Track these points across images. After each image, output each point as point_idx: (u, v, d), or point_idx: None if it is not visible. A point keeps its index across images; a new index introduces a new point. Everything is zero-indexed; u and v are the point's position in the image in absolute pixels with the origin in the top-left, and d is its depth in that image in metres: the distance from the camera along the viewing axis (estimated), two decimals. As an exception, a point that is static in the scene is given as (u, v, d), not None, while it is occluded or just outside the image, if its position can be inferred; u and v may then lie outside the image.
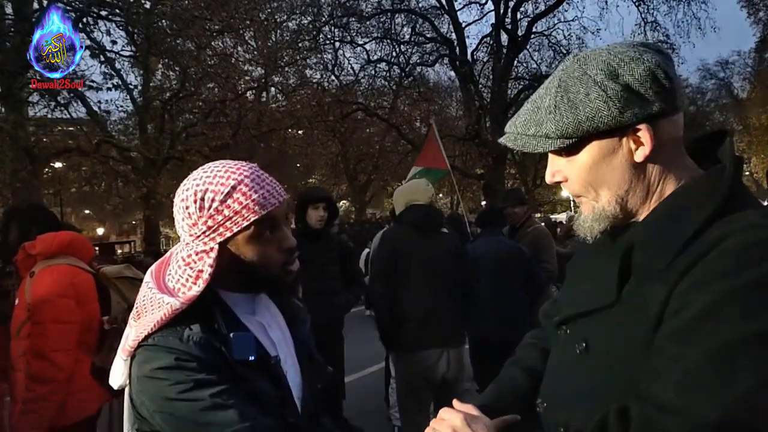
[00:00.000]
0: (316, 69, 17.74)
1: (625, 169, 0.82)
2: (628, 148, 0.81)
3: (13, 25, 10.97)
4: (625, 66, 0.79)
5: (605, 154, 0.82)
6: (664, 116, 0.80)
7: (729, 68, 26.47)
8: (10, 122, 10.20)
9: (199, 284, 1.02)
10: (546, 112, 0.84)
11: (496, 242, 3.90)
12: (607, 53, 0.82)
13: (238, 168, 1.05)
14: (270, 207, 1.03)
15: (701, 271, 0.72)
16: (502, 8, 17.57)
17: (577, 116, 0.81)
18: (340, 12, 16.98)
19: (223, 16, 11.76)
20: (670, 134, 0.81)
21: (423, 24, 18.29)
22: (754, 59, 23.01)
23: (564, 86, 0.83)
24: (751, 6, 20.19)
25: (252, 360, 1.02)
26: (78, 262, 2.41)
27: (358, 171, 22.48)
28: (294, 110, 14.37)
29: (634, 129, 0.80)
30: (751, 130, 25.05)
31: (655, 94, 0.79)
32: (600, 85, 0.80)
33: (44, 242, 2.34)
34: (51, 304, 2.22)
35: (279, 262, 1.07)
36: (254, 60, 13.75)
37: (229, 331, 1.03)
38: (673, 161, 0.83)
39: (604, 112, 0.79)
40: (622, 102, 0.78)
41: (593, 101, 0.80)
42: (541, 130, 0.84)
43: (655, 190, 0.83)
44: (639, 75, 0.79)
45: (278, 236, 1.07)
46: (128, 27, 11.48)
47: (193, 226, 1.03)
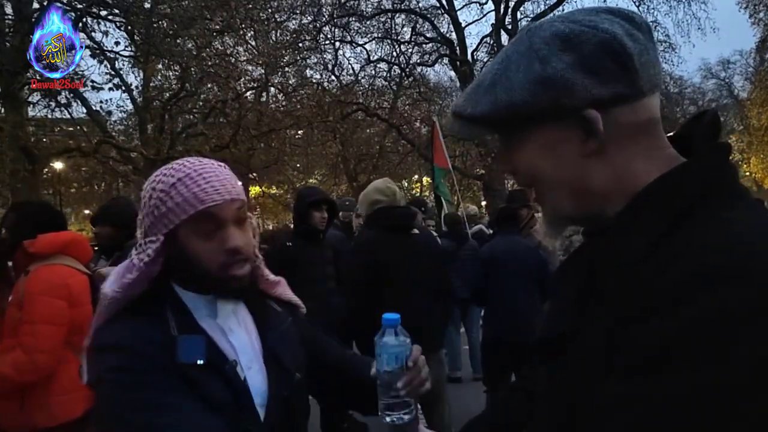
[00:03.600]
0: (316, 69, 17.77)
1: (577, 163, 0.67)
2: (579, 137, 0.66)
3: (13, 25, 10.97)
4: (575, 38, 0.64)
5: (550, 144, 0.68)
6: (622, 101, 0.65)
7: (730, 68, 26.55)
8: (10, 122, 10.19)
9: (134, 272, 1.04)
10: (483, 91, 0.70)
11: (512, 242, 3.88)
12: (561, 21, 0.67)
13: (192, 163, 1.07)
14: (210, 202, 1.02)
15: (637, 305, 0.58)
16: (502, 8, 17.58)
17: (512, 98, 0.66)
18: (340, 12, 16.99)
19: (224, 16, 11.77)
20: (632, 122, 0.66)
21: (423, 24, 18.31)
22: (755, 59, 23.01)
23: (507, 61, 0.69)
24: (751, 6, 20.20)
25: (201, 364, 1.01)
26: (74, 262, 2.41)
27: (358, 171, 22.45)
28: (294, 110, 14.35)
29: (581, 116, 0.65)
30: (751, 130, 25.03)
31: (609, 74, 0.63)
32: (542, 60, 0.65)
33: (43, 242, 2.33)
34: (43, 304, 2.22)
35: (218, 261, 1.05)
36: (254, 60, 13.75)
37: (181, 333, 1.03)
38: (642, 153, 0.67)
39: (541, 94, 0.65)
40: (564, 82, 0.64)
41: (530, 81, 0.65)
42: (475, 112, 0.70)
43: (622, 188, 0.67)
44: (589, 50, 0.63)
45: (221, 235, 1.05)
46: (128, 27, 11.47)
47: (145, 217, 1.07)
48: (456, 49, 17.95)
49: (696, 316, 0.52)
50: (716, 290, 0.52)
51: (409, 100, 19.63)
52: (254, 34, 14.05)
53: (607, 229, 0.67)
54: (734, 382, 0.50)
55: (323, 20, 16.79)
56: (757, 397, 0.49)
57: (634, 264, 0.61)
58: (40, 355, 2.18)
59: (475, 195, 24.10)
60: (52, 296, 2.24)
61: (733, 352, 0.50)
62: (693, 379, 0.51)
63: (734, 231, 0.58)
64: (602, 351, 0.60)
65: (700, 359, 0.51)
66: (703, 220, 0.60)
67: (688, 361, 0.52)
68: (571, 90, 0.64)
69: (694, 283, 0.54)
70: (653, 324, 0.55)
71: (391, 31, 18.16)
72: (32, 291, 2.23)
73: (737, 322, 0.51)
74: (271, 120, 13.87)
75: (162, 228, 1.04)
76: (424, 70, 19.41)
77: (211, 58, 12.54)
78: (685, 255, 0.57)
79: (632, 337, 0.56)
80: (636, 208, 0.65)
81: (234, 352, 1.08)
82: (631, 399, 0.54)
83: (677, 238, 0.60)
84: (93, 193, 16.96)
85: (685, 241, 0.59)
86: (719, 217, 0.60)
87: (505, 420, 0.92)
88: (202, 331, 1.06)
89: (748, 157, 26.03)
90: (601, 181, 0.67)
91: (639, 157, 0.67)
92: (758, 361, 0.50)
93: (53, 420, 2.23)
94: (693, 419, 0.51)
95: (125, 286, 1.04)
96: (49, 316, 2.21)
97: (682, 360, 0.52)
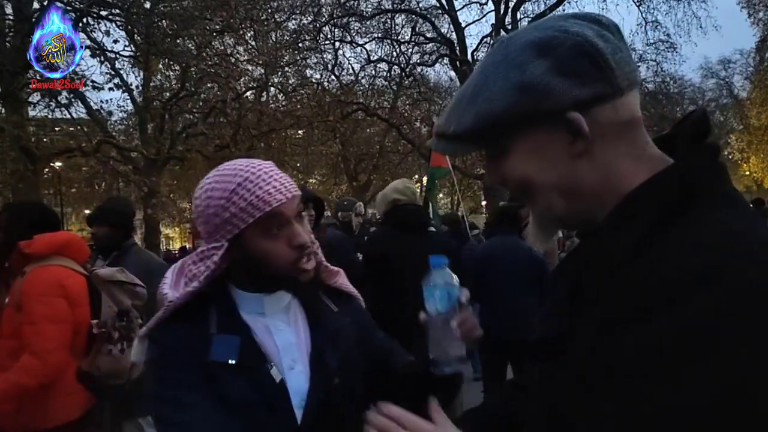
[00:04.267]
0: (316, 69, 17.77)
1: (566, 165, 0.67)
2: (565, 139, 0.66)
3: (13, 25, 10.97)
4: (548, 44, 0.65)
5: (538, 149, 0.68)
6: (602, 100, 0.65)
7: (730, 67, 26.53)
8: (10, 123, 10.20)
9: (201, 279, 1.06)
10: (464, 107, 0.70)
11: (512, 242, 3.89)
12: (533, 30, 0.69)
13: (246, 166, 1.07)
14: (275, 203, 1.03)
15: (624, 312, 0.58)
16: (503, 8, 17.58)
17: (494, 107, 0.67)
18: (340, 12, 16.99)
19: (223, 16, 11.76)
20: (615, 120, 0.66)
21: (423, 24, 18.31)
22: (755, 59, 23.02)
23: (484, 74, 0.70)
24: (750, 6, 20.20)
25: (232, 363, 1.02)
26: (71, 263, 2.38)
27: (358, 171, 22.46)
28: (294, 110, 14.36)
29: (563, 118, 0.65)
30: (751, 130, 25.04)
31: (586, 75, 0.64)
32: (519, 67, 0.66)
33: (40, 242, 2.30)
34: (44, 304, 2.19)
35: (289, 258, 1.07)
36: (254, 60, 13.75)
37: (221, 331, 1.05)
38: (627, 153, 0.67)
39: (522, 100, 0.65)
40: (543, 87, 0.65)
41: (510, 89, 0.66)
42: (459, 129, 0.70)
43: (611, 188, 0.67)
44: (563, 53, 0.64)
45: (287, 232, 1.07)
46: (128, 27, 11.47)
47: (205, 224, 1.07)
48: (456, 49, 17.95)
49: (691, 316, 0.52)
50: (711, 290, 0.52)
51: (409, 100, 19.63)
52: (254, 34, 14.06)
53: (599, 230, 0.67)
54: (733, 381, 0.50)
55: (323, 20, 16.79)
56: (758, 395, 0.49)
57: (623, 265, 0.61)
58: (49, 355, 2.15)
59: (475, 195, 24.12)
60: (51, 295, 2.22)
61: (732, 351, 0.50)
62: (693, 379, 0.51)
63: (724, 231, 0.58)
64: (592, 352, 0.60)
65: (699, 359, 0.51)
66: (692, 221, 0.60)
67: (687, 361, 0.51)
68: (550, 94, 0.65)
69: (689, 283, 0.54)
70: (648, 325, 0.54)
71: (391, 31, 18.17)
72: (30, 292, 2.20)
73: (733, 322, 0.51)
74: (271, 120, 13.87)
75: (226, 234, 1.05)
76: (424, 70, 19.44)
77: (211, 58, 12.55)
78: (676, 255, 0.57)
79: (628, 338, 0.56)
80: (625, 209, 0.65)
81: (277, 352, 1.09)
82: (633, 401, 0.54)
83: (667, 238, 0.60)
84: (93, 193, 16.93)
85: (675, 241, 0.59)
86: (708, 217, 0.60)
87: (504, 412, 0.92)
88: (244, 329, 1.07)
89: (747, 157, 26.04)
90: (591, 182, 0.68)
91: (625, 157, 0.67)
92: (758, 358, 0.50)
93: (51, 422, 2.21)
94: (697, 421, 0.50)
95: (188, 295, 1.06)
96: (51, 315, 2.19)
97: (681, 361, 0.52)
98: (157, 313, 1.08)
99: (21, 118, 10.98)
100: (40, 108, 12.98)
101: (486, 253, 3.87)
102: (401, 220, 3.11)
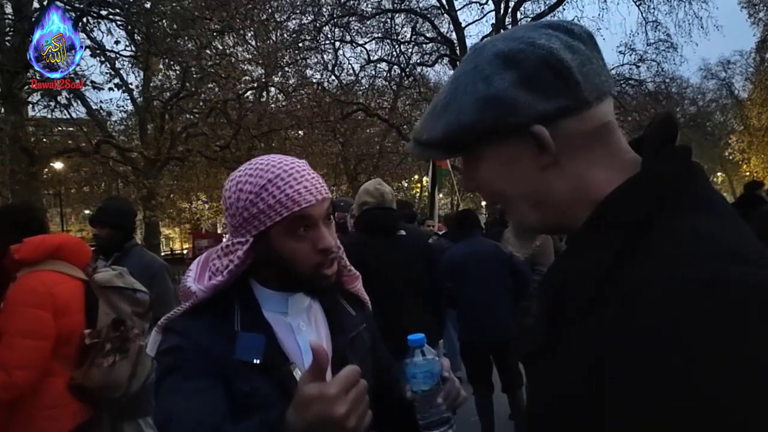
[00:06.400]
0: (316, 69, 17.79)
1: (535, 177, 0.67)
2: (532, 152, 0.66)
3: (13, 25, 10.98)
4: (514, 56, 0.65)
5: (505, 161, 0.68)
6: (568, 113, 0.65)
7: (730, 68, 26.52)
8: (10, 123, 10.20)
9: (225, 274, 1.05)
10: (437, 115, 0.70)
11: (476, 243, 3.94)
12: (503, 40, 0.68)
13: (279, 162, 1.06)
14: (304, 203, 1.02)
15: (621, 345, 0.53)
16: (502, 8, 17.59)
17: (461, 119, 0.67)
18: (340, 12, 17.00)
19: (223, 16, 11.77)
20: (581, 131, 0.66)
21: (423, 24, 18.32)
22: (755, 59, 23.01)
23: (456, 83, 0.70)
24: (751, 6, 20.21)
25: (257, 363, 1.01)
26: (68, 268, 2.23)
27: (358, 171, 22.44)
28: (294, 110, 14.37)
29: (529, 131, 0.65)
30: (751, 130, 25.04)
31: (550, 88, 0.64)
32: (485, 80, 0.66)
33: (29, 246, 2.16)
34: (21, 316, 2.03)
35: (312, 261, 1.05)
36: (254, 60, 13.76)
37: (244, 329, 1.03)
38: (599, 160, 0.67)
39: (487, 113, 0.65)
40: (507, 100, 0.64)
41: (476, 101, 0.66)
42: (430, 138, 0.71)
43: (584, 197, 0.66)
44: (528, 66, 0.64)
45: (313, 235, 1.05)
46: (128, 27, 11.48)
47: (233, 216, 1.06)
48: (456, 49, 17.95)
49: (687, 331, 0.49)
50: (701, 303, 0.50)
51: (409, 100, 19.65)
52: (254, 34, 14.06)
53: (574, 239, 0.67)
54: (740, 388, 0.47)
55: (323, 20, 16.81)
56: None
57: (602, 278, 0.59)
58: (17, 371, 1.99)
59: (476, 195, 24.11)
60: (34, 307, 2.05)
61: (734, 360, 0.48)
62: (706, 391, 0.47)
63: (698, 240, 0.56)
64: (581, 369, 0.58)
65: (708, 371, 0.48)
66: (662, 231, 0.58)
67: (695, 376, 0.48)
68: (514, 107, 0.64)
69: (678, 298, 0.51)
70: (643, 342, 0.52)
71: (391, 31, 18.19)
72: (13, 301, 2.07)
73: (731, 329, 0.49)
74: (271, 120, 13.88)
75: (252, 229, 1.04)
76: (424, 70, 19.47)
77: (211, 58, 12.55)
78: (654, 272, 0.54)
79: (623, 358, 0.53)
80: (598, 218, 0.64)
81: (299, 352, 1.08)
82: (649, 424, 0.50)
83: (640, 252, 0.58)
84: (93, 193, 16.92)
85: (649, 255, 0.57)
86: (679, 226, 0.58)
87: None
88: (266, 328, 1.06)
89: (748, 157, 26.04)
90: (561, 192, 0.67)
91: (596, 165, 0.67)
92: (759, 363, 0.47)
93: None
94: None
95: (212, 288, 1.05)
96: (26, 330, 2.03)
97: (687, 377, 0.48)
98: (180, 305, 1.07)
99: (20, 118, 10.98)
100: (40, 108, 13.01)
101: (456, 258, 3.90)
102: (369, 224, 2.99)
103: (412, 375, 1.01)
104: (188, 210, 20.28)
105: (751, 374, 0.47)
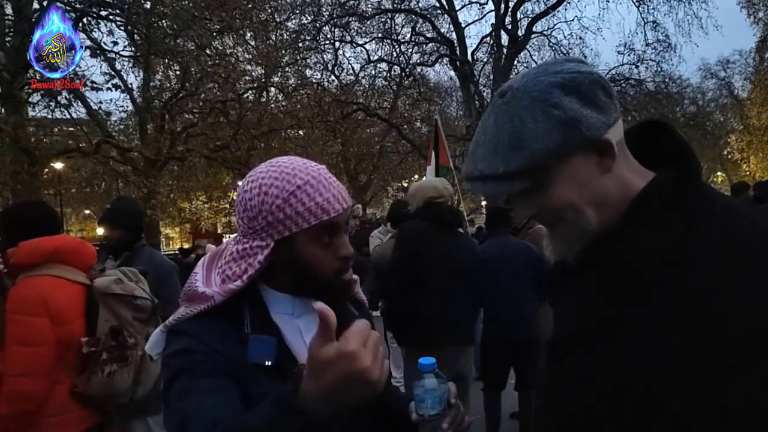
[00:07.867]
0: (316, 69, 17.78)
1: (597, 182, 0.78)
2: (594, 159, 0.77)
3: (13, 25, 10.98)
4: (571, 83, 0.76)
5: (575, 174, 0.78)
6: (615, 123, 0.78)
7: (730, 68, 26.50)
8: (10, 123, 10.20)
9: (244, 279, 1.03)
10: (508, 150, 0.78)
11: (505, 243, 3.90)
12: (546, 75, 0.78)
13: (307, 168, 1.05)
14: (333, 213, 1.02)
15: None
16: (502, 8, 17.58)
17: (546, 145, 0.76)
18: (340, 12, 16.99)
19: (223, 16, 11.77)
20: (619, 139, 0.79)
21: (423, 24, 18.30)
22: (755, 59, 23.01)
23: (515, 120, 0.78)
24: (750, 6, 20.21)
25: (269, 365, 1.00)
26: (69, 272, 2.14)
27: (358, 171, 22.48)
28: (294, 110, 14.37)
29: (599, 141, 0.76)
30: (751, 130, 25.03)
31: (605, 104, 0.77)
32: (556, 107, 0.75)
33: (24, 251, 2.07)
34: (15, 324, 1.97)
35: (333, 268, 1.05)
36: (254, 60, 13.76)
37: (254, 332, 1.02)
38: (627, 165, 0.80)
39: (570, 133, 0.75)
40: (583, 119, 0.75)
41: (556, 125, 0.75)
42: (510, 169, 0.78)
43: (626, 197, 0.79)
44: (586, 89, 0.76)
45: (336, 242, 1.05)
46: (128, 27, 11.48)
47: (253, 219, 1.03)
48: (456, 49, 17.95)
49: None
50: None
51: (409, 100, 19.65)
52: (254, 35, 14.05)
53: (618, 230, 0.77)
54: None
55: (323, 20, 16.80)
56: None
57: (664, 264, 0.72)
58: (23, 379, 1.94)
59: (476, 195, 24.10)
60: (26, 314, 1.98)
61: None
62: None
63: (737, 209, 0.75)
64: (660, 344, 0.69)
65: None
66: (704, 210, 0.74)
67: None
68: (589, 124, 0.76)
69: (752, 275, 0.67)
70: (737, 316, 0.66)
71: (391, 31, 18.17)
72: (8, 309, 1.99)
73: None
74: (271, 120, 13.89)
75: (274, 234, 1.02)
76: (424, 70, 19.44)
77: (211, 58, 12.56)
78: (733, 229, 0.72)
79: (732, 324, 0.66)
80: (638, 209, 0.77)
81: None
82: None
83: (704, 222, 0.74)
84: (93, 193, 16.93)
85: (712, 222, 0.73)
86: (713, 207, 0.75)
87: None
88: (275, 330, 1.05)
89: (747, 156, 26.04)
90: (615, 192, 0.79)
91: (627, 168, 0.80)
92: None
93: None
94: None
95: (229, 292, 1.03)
96: (21, 338, 1.96)
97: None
98: (190, 307, 1.04)
99: (21, 119, 10.98)
100: (40, 108, 13.02)
101: (484, 257, 3.88)
102: (438, 217, 3.23)
103: (421, 399, 1.01)
104: (188, 210, 20.30)
105: None
